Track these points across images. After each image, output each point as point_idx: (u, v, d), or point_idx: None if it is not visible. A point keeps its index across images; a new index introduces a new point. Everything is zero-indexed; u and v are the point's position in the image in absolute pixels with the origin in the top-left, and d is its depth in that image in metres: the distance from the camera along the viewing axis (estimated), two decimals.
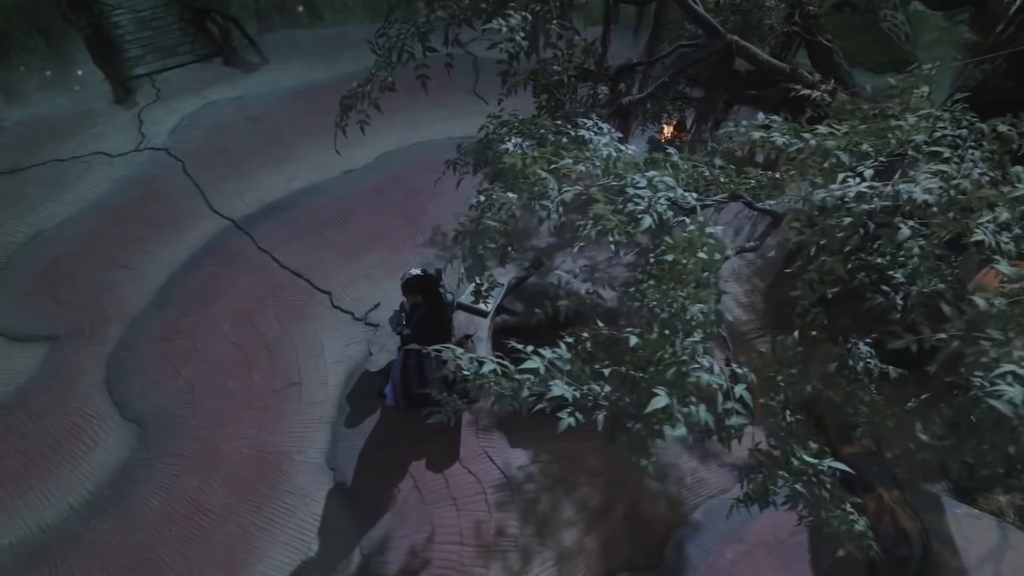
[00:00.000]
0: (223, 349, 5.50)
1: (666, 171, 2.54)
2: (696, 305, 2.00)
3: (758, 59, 3.69)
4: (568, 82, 4.28)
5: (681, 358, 2.02)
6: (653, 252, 2.39)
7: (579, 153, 2.89)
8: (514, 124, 3.65)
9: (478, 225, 2.70)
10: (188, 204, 7.01)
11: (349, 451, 4.78)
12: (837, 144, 2.20)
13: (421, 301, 4.17)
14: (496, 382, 2.21)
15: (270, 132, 8.06)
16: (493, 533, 4.34)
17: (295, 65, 9.45)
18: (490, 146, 3.60)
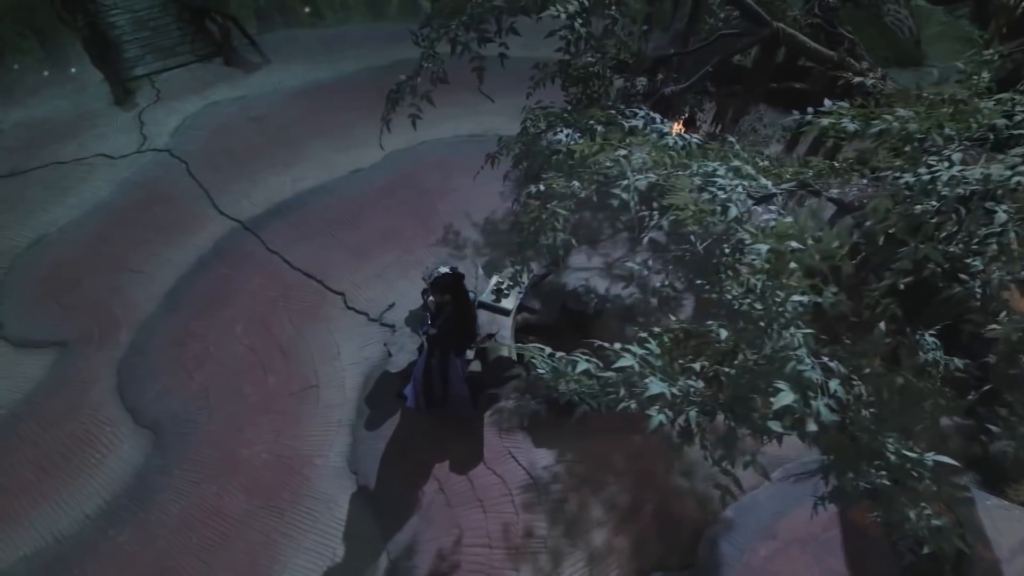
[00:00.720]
0: (237, 352, 5.39)
1: (730, 160, 2.47)
2: (794, 296, 1.92)
3: (806, 47, 3.63)
4: (603, 74, 4.22)
5: (795, 351, 1.92)
6: (728, 243, 2.26)
7: (644, 140, 2.80)
8: (563, 115, 3.57)
9: (539, 215, 2.61)
10: (194, 206, 6.89)
11: (370, 454, 4.69)
12: (920, 128, 2.15)
13: (449, 300, 4.09)
14: (578, 381, 2.13)
15: (274, 132, 7.94)
16: (521, 535, 4.27)
17: (297, 65, 9.33)
18: (538, 137, 3.52)
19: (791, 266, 1.90)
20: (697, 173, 2.31)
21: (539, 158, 3.50)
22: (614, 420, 4.94)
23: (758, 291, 1.99)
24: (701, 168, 2.32)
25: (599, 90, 4.27)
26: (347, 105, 8.41)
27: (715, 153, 2.57)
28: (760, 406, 2.13)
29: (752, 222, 2.17)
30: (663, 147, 2.71)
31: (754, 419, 2.07)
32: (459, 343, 4.30)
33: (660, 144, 2.75)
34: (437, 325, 4.15)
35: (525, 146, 3.64)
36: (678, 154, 2.67)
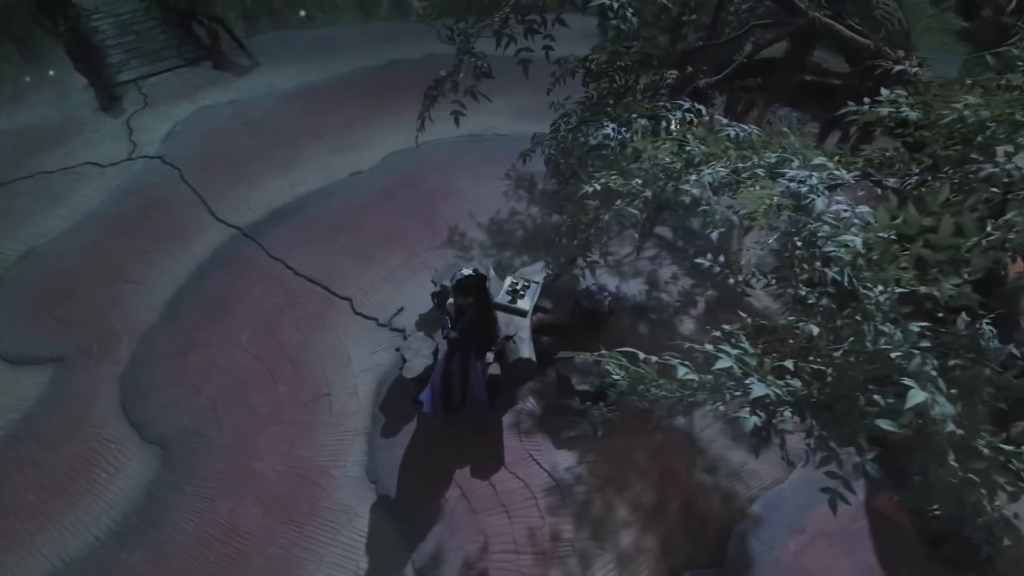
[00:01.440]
0: (244, 362, 5.24)
1: (791, 151, 2.41)
2: (897, 288, 1.85)
3: (843, 36, 3.59)
4: (629, 68, 4.15)
5: (906, 346, 1.84)
6: (800, 235, 2.14)
7: (704, 133, 2.73)
8: (606, 109, 3.49)
9: (596, 216, 2.54)
10: (190, 213, 6.71)
11: (389, 462, 4.58)
12: (991, 115, 2.11)
13: (472, 302, 4.00)
14: (660, 386, 2.05)
15: (270, 136, 7.78)
16: (548, 539, 4.19)
17: (288, 67, 9.17)
18: (575, 132, 3.45)
19: (897, 257, 1.83)
20: (759, 165, 2.25)
21: (576, 154, 3.42)
22: (633, 418, 4.90)
23: (846, 284, 1.93)
24: (763, 159, 2.27)
25: (626, 84, 4.19)
26: (343, 106, 8.27)
27: (777, 144, 2.50)
28: (863, 404, 2.01)
29: (883, 212, 2.05)
30: (721, 139, 2.65)
31: (857, 418, 1.97)
32: (480, 346, 4.21)
33: (719, 136, 2.68)
34: (459, 328, 4.05)
35: (559, 143, 3.56)
36: (737, 145, 2.61)
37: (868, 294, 1.89)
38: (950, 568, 3.93)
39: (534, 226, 6.58)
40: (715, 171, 2.30)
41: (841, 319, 1.99)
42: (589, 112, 3.69)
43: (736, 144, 2.63)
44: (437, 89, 3.80)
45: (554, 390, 4.98)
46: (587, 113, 3.65)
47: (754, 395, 1.96)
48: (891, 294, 1.87)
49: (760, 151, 2.37)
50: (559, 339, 5.30)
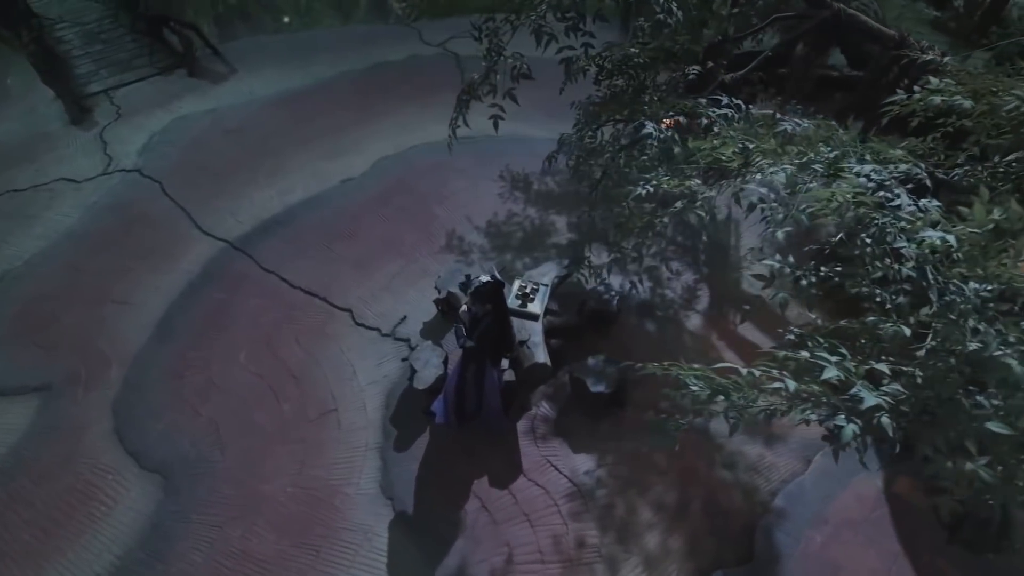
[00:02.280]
0: (244, 381, 5.05)
1: (840, 146, 2.36)
2: (983, 285, 1.81)
3: (868, 27, 3.57)
4: (647, 64, 4.07)
5: (1006, 346, 1.78)
6: (867, 232, 2.06)
7: (759, 131, 2.65)
8: (643, 107, 3.40)
9: (651, 218, 2.44)
10: (175, 227, 6.44)
11: (404, 477, 4.45)
12: None
13: (489, 309, 3.89)
14: (745, 396, 1.96)
15: (254, 144, 7.53)
16: (574, 546, 4.12)
17: (268, 72, 8.90)
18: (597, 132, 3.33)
19: (1000, 252, 1.79)
20: (816, 160, 2.19)
21: (611, 156, 3.32)
22: (640, 414, 4.86)
23: (931, 281, 1.88)
24: (820, 155, 2.21)
25: (644, 81, 4.10)
26: (328, 112, 8.06)
27: (837, 139, 2.43)
28: (968, 407, 1.92)
29: (980, 207, 2.00)
30: (778, 135, 2.58)
31: (964, 422, 1.88)
32: (496, 353, 4.11)
33: (775, 132, 2.61)
34: (476, 337, 3.94)
35: (583, 143, 3.46)
36: (788, 140, 2.55)
37: (958, 291, 1.84)
38: (969, 550, 3.98)
39: (532, 227, 6.50)
40: (782, 169, 2.23)
41: (935, 319, 1.94)
42: (626, 111, 3.59)
43: (788, 139, 2.58)
44: (471, 93, 3.67)
45: (567, 393, 4.91)
46: (623, 112, 3.55)
47: (866, 405, 1.86)
48: (993, 291, 1.83)
49: (816, 146, 2.33)
50: (567, 341, 5.24)
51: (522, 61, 3.55)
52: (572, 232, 6.45)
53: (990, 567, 3.91)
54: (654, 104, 3.59)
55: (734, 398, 2.09)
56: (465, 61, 9.05)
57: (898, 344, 2.06)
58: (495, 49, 3.57)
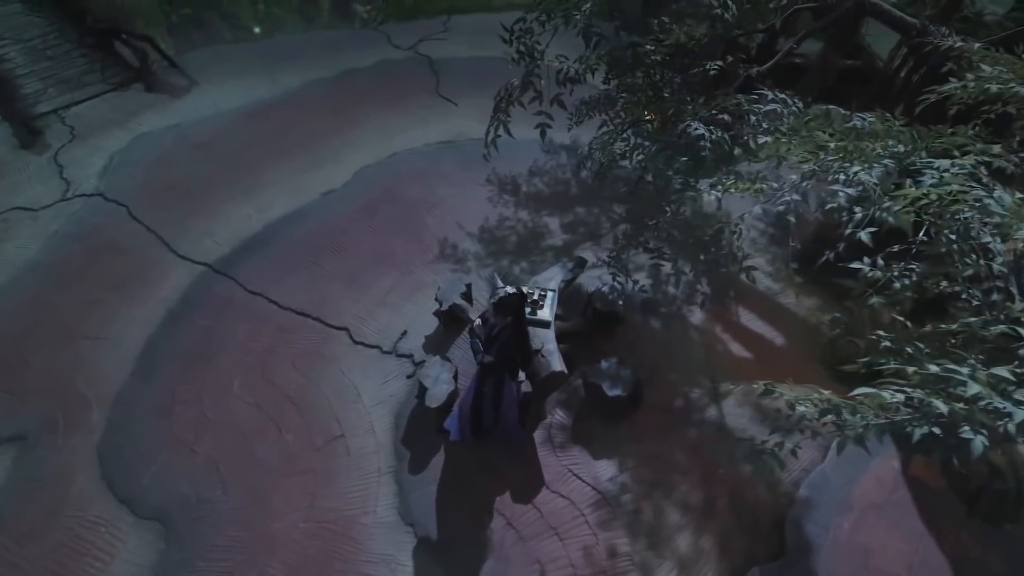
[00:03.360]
0: (241, 413, 4.76)
1: (911, 141, 2.30)
2: None
3: (891, 16, 3.54)
4: (665, 61, 3.95)
5: None
6: (952, 228, 1.98)
7: (797, 125, 2.56)
8: (688, 108, 3.27)
9: (724, 226, 2.30)
10: (147, 253, 6.05)
11: (423, 500, 4.27)
12: None
13: (509, 322, 3.74)
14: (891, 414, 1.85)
15: (225, 160, 7.16)
16: (606, 556, 4.02)
17: (231, 83, 8.48)
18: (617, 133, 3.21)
19: None
20: (885, 156, 2.12)
21: (654, 158, 3.18)
22: (662, 416, 4.81)
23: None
24: (888, 150, 2.14)
25: (662, 78, 3.96)
26: (301, 122, 7.73)
27: (906, 135, 2.36)
28: None
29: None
30: (849, 131, 2.50)
31: None
32: (514, 366, 3.97)
33: (845, 128, 2.51)
34: (495, 351, 3.79)
35: (609, 144, 3.33)
36: (858, 136, 2.47)
37: None
38: (989, 522, 4.07)
39: (526, 230, 6.37)
40: (870, 168, 2.13)
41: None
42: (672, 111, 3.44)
43: (857, 134, 2.49)
44: (509, 99, 3.51)
45: (581, 399, 4.81)
46: (646, 112, 3.43)
47: (1017, 420, 1.78)
48: None
49: (885, 141, 2.26)
50: (574, 344, 5.13)
51: (571, 65, 3.39)
52: (567, 233, 6.35)
53: (1009, 537, 4.00)
54: (697, 104, 3.48)
55: (847, 418, 2.02)
56: (439, 64, 8.85)
57: (1003, 344, 2.02)
58: (529, 52, 3.39)
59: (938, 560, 3.93)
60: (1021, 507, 4.02)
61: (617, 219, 6.55)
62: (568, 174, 7.08)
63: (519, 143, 7.51)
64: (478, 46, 9.39)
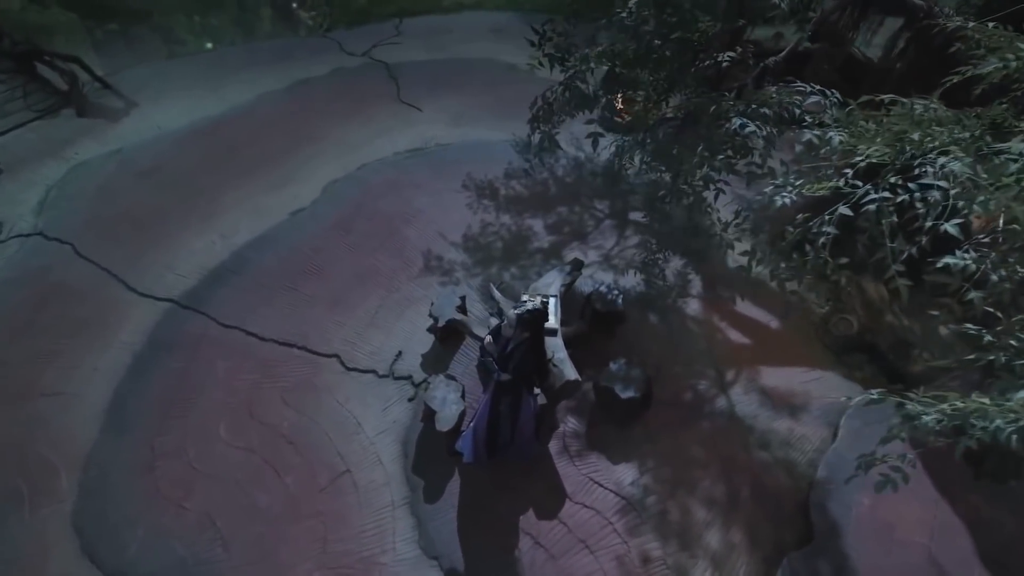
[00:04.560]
0: (232, 459, 4.39)
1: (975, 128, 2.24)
2: None
3: (902, 2, 3.50)
4: (673, 56, 3.81)
5: None
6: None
7: (842, 116, 2.48)
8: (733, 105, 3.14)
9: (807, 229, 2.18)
10: (102, 294, 5.52)
11: (444, 530, 4.06)
12: None
13: (527, 337, 3.56)
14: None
15: (177, 185, 6.64)
16: (639, 563, 3.94)
17: (173, 102, 7.89)
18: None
19: None
20: (952, 141, 2.07)
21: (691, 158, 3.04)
22: (673, 412, 4.77)
23: None
24: (952, 136, 2.09)
25: (671, 73, 3.82)
26: (256, 139, 7.27)
27: (972, 120, 2.30)
28: None
29: None
30: (918, 121, 2.41)
31: None
32: (532, 381, 3.81)
33: (916, 118, 2.42)
34: (512, 368, 3.61)
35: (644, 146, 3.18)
36: (922, 122, 2.40)
37: None
38: (995, 481, 4.22)
39: (511, 235, 6.20)
40: (954, 159, 2.05)
41: None
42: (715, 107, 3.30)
43: (918, 124, 2.43)
44: (551, 108, 3.29)
45: (592, 404, 4.71)
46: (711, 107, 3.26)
47: None
48: None
49: (951, 128, 2.22)
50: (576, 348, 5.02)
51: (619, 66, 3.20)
52: (552, 234, 6.23)
53: (1016, 494, 4.17)
54: (725, 100, 3.37)
55: (974, 422, 1.97)
56: (397, 69, 8.54)
57: None
58: (562, 55, 3.19)
59: (955, 523, 4.05)
60: (1022, 465, 4.18)
61: (600, 216, 6.49)
62: (546, 174, 6.96)
63: (491, 145, 7.42)
64: (435, 48, 9.14)
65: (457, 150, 7.24)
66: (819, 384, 4.95)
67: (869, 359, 5.07)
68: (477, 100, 8.08)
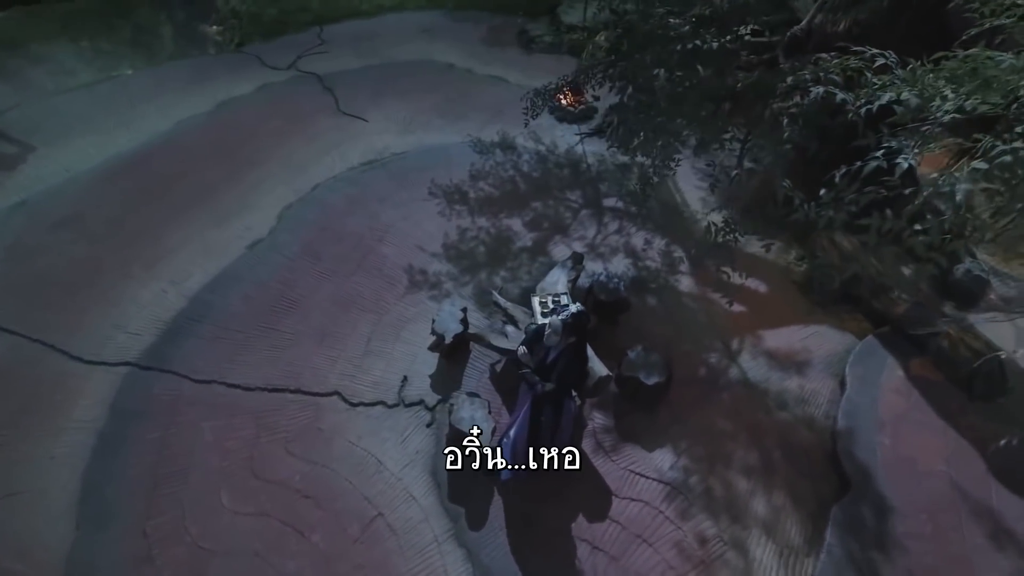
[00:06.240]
0: (244, 529, 3.91)
1: None
2: None
3: None
4: (692, 32, 3.68)
5: None
6: None
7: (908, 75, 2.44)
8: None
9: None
10: (40, 370, 4.74)
11: (497, 555, 3.84)
12: None
13: (573, 342, 3.40)
14: None
15: (105, 232, 5.84)
16: (697, 546, 3.93)
17: (77, 140, 6.95)
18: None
19: None
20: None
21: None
22: (692, 389, 4.81)
23: None
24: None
25: (695, 49, 3.65)
26: (185, 170, 6.56)
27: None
28: None
29: None
30: (1019, 70, 2.38)
31: None
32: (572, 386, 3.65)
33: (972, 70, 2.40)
34: (556, 376, 3.43)
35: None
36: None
37: None
38: (986, 400, 4.61)
39: (491, 237, 6.01)
40: None
41: None
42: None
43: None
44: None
45: (615, 396, 4.64)
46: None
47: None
48: None
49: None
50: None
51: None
52: (533, 231, 6.11)
53: (1002, 409, 4.56)
54: (807, 70, 3.28)
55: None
56: (330, 80, 8.04)
57: None
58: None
59: (963, 445, 4.37)
60: (1005, 381, 4.60)
61: (576, 207, 6.44)
62: (511, 171, 6.81)
63: (448, 147, 7.16)
64: (367, 54, 8.70)
65: (415, 157, 6.92)
66: (816, 338, 5.19)
67: (854, 308, 5.37)
68: (423, 104, 7.77)
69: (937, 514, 4.00)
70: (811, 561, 3.87)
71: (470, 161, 6.87)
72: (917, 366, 4.83)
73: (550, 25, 9.34)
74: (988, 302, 5.43)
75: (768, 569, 3.84)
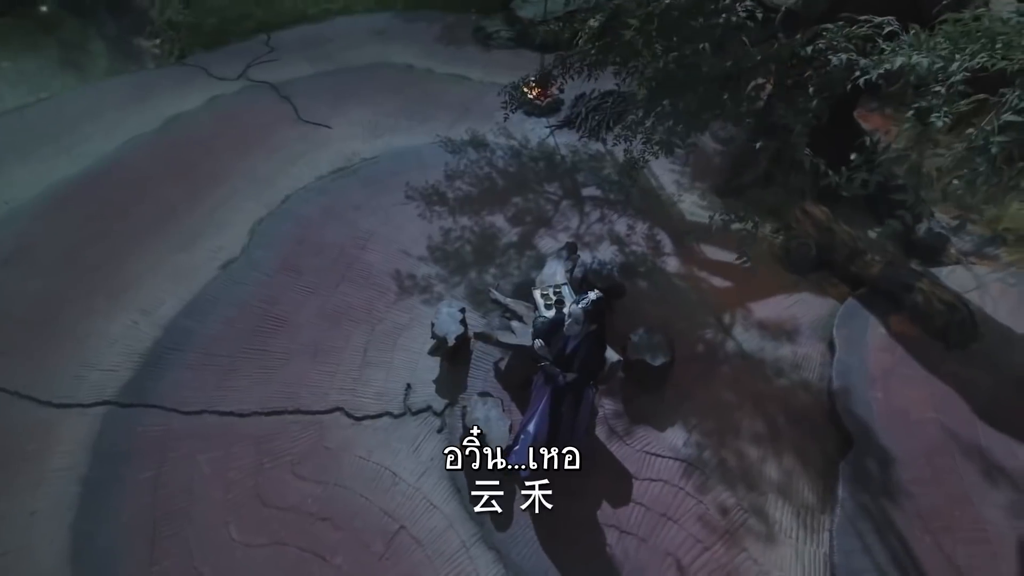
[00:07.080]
0: (259, 561, 3.71)
1: None
2: None
3: None
4: (693, 9, 3.63)
5: None
6: None
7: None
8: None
9: None
10: (6, 419, 4.37)
11: (528, 553, 3.80)
12: None
13: (594, 329, 3.37)
14: None
15: (58, 265, 5.42)
16: (720, 516, 4.01)
17: (11, 169, 6.44)
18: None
19: None
20: None
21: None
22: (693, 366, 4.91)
23: None
24: None
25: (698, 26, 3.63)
26: (140, 193, 6.19)
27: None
28: None
29: None
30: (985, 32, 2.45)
31: None
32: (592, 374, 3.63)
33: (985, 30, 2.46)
34: (577, 367, 3.40)
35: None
36: None
37: None
38: (960, 348, 4.90)
39: (476, 236, 5.93)
40: None
41: None
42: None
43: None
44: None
45: (621, 379, 4.68)
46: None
47: None
48: None
49: None
50: None
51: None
52: (517, 226, 6.07)
53: (979, 354, 4.87)
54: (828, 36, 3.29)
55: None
56: (286, 88, 7.73)
57: None
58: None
59: (948, 391, 4.63)
60: (975, 328, 4.91)
61: (555, 199, 6.44)
62: (486, 168, 6.75)
63: (419, 149, 7.02)
64: (320, 60, 8.41)
65: (387, 162, 6.75)
66: (800, 306, 5.39)
67: (831, 273, 5.62)
68: (387, 107, 7.59)
69: (934, 458, 4.23)
70: (827, 517, 4.02)
71: (443, 161, 6.76)
72: (896, 322, 5.09)
73: (504, 21, 9.30)
74: (949, 256, 5.79)
75: (789, 529, 3.97)
